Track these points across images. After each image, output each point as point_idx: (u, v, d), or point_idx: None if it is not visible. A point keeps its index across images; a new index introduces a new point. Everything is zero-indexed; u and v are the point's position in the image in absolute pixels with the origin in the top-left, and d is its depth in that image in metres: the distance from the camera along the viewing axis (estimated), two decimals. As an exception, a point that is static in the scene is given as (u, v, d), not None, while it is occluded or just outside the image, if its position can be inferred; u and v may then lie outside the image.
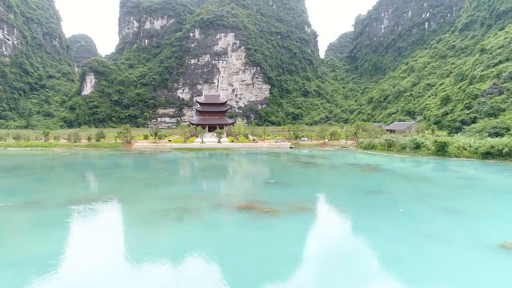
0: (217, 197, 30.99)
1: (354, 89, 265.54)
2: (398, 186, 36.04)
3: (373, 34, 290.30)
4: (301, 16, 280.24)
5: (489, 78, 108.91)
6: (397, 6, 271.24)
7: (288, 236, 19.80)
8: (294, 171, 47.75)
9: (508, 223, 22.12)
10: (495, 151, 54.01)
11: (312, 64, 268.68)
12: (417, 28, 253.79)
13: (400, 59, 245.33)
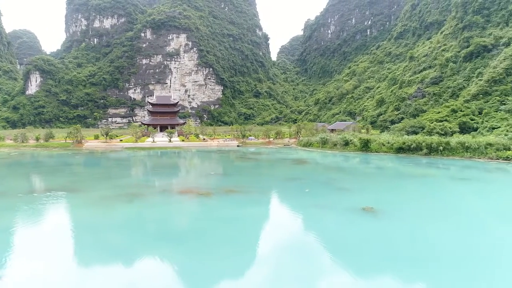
0: (162, 185, 36.43)
1: (303, 90, 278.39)
2: (314, 174, 43.64)
3: (321, 39, 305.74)
4: (252, 19, 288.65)
5: (415, 83, 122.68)
6: (342, 13, 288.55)
7: (215, 208, 25.99)
8: (234, 165, 54.17)
9: (375, 195, 30.04)
10: (405, 147, 64.10)
11: (263, 66, 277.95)
12: (360, 35, 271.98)
13: (345, 63, 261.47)
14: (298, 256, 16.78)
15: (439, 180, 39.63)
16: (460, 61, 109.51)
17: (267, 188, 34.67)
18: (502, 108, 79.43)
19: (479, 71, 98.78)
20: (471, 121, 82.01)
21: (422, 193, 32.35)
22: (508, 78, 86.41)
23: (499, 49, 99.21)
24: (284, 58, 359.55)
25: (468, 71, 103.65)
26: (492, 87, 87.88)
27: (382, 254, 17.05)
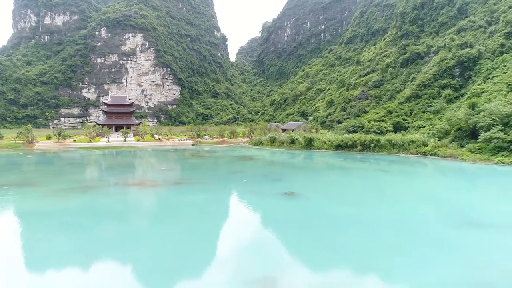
0: (115, 179, 39.82)
1: (261, 91, 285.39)
2: (257, 169, 48.89)
3: (277, 41, 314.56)
4: (210, 20, 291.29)
5: (360, 86, 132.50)
6: (298, 17, 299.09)
7: (161, 196, 30.17)
8: (185, 161, 58.19)
9: (300, 184, 35.68)
10: (343, 144, 71.34)
11: (222, 67, 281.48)
12: (315, 38, 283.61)
13: (300, 65, 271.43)
14: (233, 227, 21.53)
15: (361, 171, 46.36)
16: (398, 67, 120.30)
17: (212, 179, 39.22)
18: (428, 109, 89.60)
19: (413, 76, 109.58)
20: (403, 121, 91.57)
21: (341, 182, 38.52)
22: (435, 83, 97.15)
23: (430, 57, 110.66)
24: (243, 59, 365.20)
25: (404, 76, 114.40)
26: (422, 90, 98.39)
27: (294, 223, 22.27)
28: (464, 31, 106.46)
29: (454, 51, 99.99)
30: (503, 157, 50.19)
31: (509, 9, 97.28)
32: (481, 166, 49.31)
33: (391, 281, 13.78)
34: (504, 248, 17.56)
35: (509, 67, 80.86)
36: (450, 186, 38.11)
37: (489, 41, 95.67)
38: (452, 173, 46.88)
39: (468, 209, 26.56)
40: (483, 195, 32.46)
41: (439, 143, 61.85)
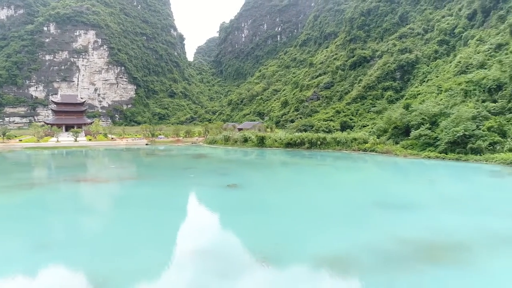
0: (63, 176, 40.14)
1: (219, 91, 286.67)
2: (207, 165, 51.00)
3: (235, 42, 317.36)
4: (167, 19, 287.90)
5: (312, 87, 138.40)
6: (255, 18, 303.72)
7: (109, 190, 31.43)
8: (138, 160, 58.94)
9: (244, 177, 38.36)
10: (292, 142, 75.15)
11: (179, 66, 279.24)
12: (271, 40, 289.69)
13: (257, 66, 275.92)
14: (176, 214, 23.41)
15: (304, 166, 50.02)
16: (347, 69, 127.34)
17: (161, 175, 40.78)
18: (372, 109, 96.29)
19: (360, 78, 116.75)
20: (350, 121, 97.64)
21: (283, 175, 41.70)
22: (379, 85, 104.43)
23: (375, 60, 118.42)
24: (201, 59, 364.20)
25: (352, 78, 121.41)
26: (367, 92, 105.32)
27: (232, 209, 24.72)
28: (404, 38, 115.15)
29: (395, 55, 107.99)
30: (430, 152, 56.03)
31: (442, 19, 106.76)
32: (411, 160, 54.79)
33: (311, 248, 16.48)
34: (405, 223, 21.11)
35: (441, 71, 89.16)
36: (378, 176, 42.56)
37: (425, 47, 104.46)
38: (384, 166, 51.76)
39: (387, 194, 30.45)
40: (404, 183, 36.93)
41: (377, 140, 67.38)
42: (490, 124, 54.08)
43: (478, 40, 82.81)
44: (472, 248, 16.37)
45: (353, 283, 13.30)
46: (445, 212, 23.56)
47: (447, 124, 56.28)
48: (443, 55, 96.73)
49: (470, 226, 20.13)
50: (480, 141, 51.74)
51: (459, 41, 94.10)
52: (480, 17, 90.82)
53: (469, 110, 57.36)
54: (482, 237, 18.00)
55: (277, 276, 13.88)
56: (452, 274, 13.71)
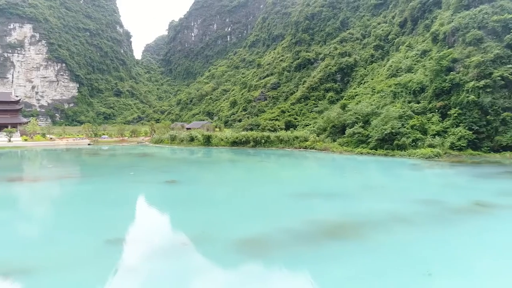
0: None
1: (168, 91, 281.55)
2: (150, 163, 51.28)
3: (185, 41, 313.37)
4: (112, 15, 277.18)
5: (260, 87, 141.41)
6: (205, 17, 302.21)
7: (46, 188, 31.03)
8: (76, 160, 57.46)
9: (183, 174, 39.50)
10: (238, 141, 77.10)
11: (125, 64, 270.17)
12: (221, 40, 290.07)
13: (207, 66, 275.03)
14: (113, 209, 23.96)
15: (245, 163, 52.13)
16: (292, 71, 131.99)
17: (101, 173, 40.61)
18: (314, 109, 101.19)
19: (304, 79, 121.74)
20: (294, 120, 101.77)
21: (223, 171, 43.36)
22: (321, 86, 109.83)
23: (318, 63, 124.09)
24: (149, 57, 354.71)
25: (297, 79, 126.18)
26: (310, 93, 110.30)
27: (168, 201, 25.81)
28: (345, 42, 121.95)
29: (336, 58, 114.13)
30: (362, 148, 60.83)
31: (378, 25, 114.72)
32: (346, 156, 59.11)
33: (233, 233, 18.14)
34: (323, 209, 23.69)
35: (376, 74, 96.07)
36: (313, 171, 45.78)
37: (363, 52, 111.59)
38: (320, 162, 55.35)
39: (316, 186, 33.25)
40: (333, 176, 40.28)
41: (317, 138, 71.46)
42: (414, 122, 59.96)
43: (407, 46, 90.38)
44: (370, 227, 19.14)
45: (265, 257, 15.24)
46: (360, 200, 26.63)
47: (377, 123, 61.42)
48: (378, 59, 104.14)
49: (376, 210, 23.14)
50: (405, 138, 57.26)
51: (392, 47, 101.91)
52: (409, 25, 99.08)
53: (396, 110, 63.03)
54: (382, 218, 20.95)
55: (193, 256, 15.47)
56: (347, 246, 16.22)
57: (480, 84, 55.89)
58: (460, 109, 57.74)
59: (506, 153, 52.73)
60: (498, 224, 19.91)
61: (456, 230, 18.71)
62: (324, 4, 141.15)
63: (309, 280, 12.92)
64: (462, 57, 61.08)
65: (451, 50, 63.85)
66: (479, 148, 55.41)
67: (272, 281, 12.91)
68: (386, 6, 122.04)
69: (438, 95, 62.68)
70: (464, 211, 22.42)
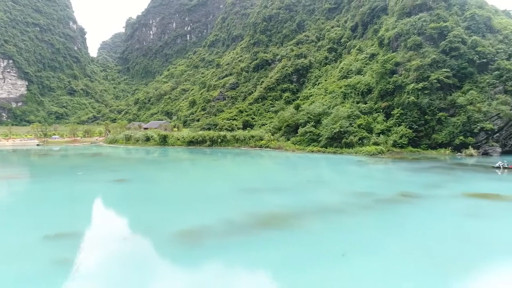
0: None
1: (125, 90, 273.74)
2: (99, 163, 50.64)
3: (143, 39, 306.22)
4: (64, 10, 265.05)
5: (219, 87, 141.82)
6: (164, 16, 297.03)
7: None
8: (23, 160, 55.31)
9: (134, 173, 39.64)
10: (195, 140, 77.38)
11: (79, 62, 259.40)
12: (181, 39, 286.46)
13: (167, 65, 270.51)
14: (59, 205, 23.89)
15: (197, 162, 52.85)
16: (251, 71, 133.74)
17: (48, 173, 39.67)
18: (271, 109, 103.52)
19: (262, 80, 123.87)
20: (252, 120, 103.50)
21: (173, 170, 43.86)
22: (278, 87, 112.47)
23: (275, 64, 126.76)
24: (106, 55, 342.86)
25: (255, 80, 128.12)
26: (267, 93, 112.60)
27: (114, 199, 26.08)
28: (301, 44, 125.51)
29: (293, 60, 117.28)
30: (313, 146, 63.47)
31: (331, 29, 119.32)
32: (298, 154, 61.43)
33: (175, 226, 18.99)
34: (263, 202, 25.13)
35: (329, 75, 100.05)
36: (263, 168, 47.45)
37: (317, 54, 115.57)
38: (273, 159, 57.19)
39: (262, 181, 34.75)
40: (282, 173, 42.08)
41: (272, 137, 73.48)
42: (360, 122, 63.52)
43: (358, 50, 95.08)
44: (303, 217, 20.82)
45: (199, 246, 16.31)
46: (302, 193, 28.43)
47: (327, 122, 64.39)
48: (332, 61, 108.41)
49: (314, 202, 24.99)
50: (352, 137, 60.54)
51: (344, 50, 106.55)
52: (360, 30, 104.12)
53: (345, 110, 66.40)
54: (317, 209, 22.76)
55: (131, 248, 16.25)
56: (277, 234, 17.70)
57: (419, 86, 60.41)
58: (402, 109, 62.03)
59: (441, 150, 57.45)
60: (414, 211, 22.36)
61: (378, 217, 20.86)
62: (281, 6, 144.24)
63: (234, 264, 14.17)
64: (404, 61, 65.58)
65: (394, 54, 68.32)
66: (418, 145, 59.90)
67: (201, 267, 14.03)
68: (339, 10, 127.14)
69: (383, 96, 66.84)
70: (390, 201, 24.80)
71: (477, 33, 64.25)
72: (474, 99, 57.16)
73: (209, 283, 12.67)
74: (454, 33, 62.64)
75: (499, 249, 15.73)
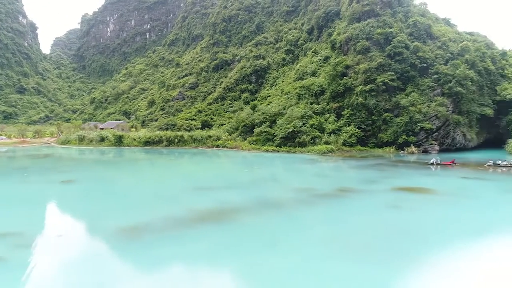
0: None
1: (81, 88, 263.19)
2: (47, 164, 49.19)
3: (99, 36, 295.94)
4: (13, 3, 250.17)
5: (178, 87, 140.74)
6: (122, 13, 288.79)
7: None
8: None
9: (83, 174, 39.26)
10: (151, 140, 76.66)
11: (30, 59, 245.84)
12: (140, 37, 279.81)
13: (125, 63, 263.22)
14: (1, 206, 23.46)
15: (152, 162, 52.94)
16: (210, 71, 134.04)
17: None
18: (230, 109, 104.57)
19: (221, 80, 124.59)
20: (211, 120, 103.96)
21: (125, 170, 43.77)
22: (237, 87, 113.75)
23: (234, 64, 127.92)
24: (60, 52, 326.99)
25: (215, 80, 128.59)
26: (226, 93, 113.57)
27: (57, 199, 25.93)
28: (259, 45, 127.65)
29: (251, 61, 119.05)
30: (268, 146, 65.29)
31: (289, 31, 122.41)
32: (254, 153, 62.91)
33: (116, 223, 19.41)
34: (207, 199, 26.07)
35: (286, 77, 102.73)
36: (215, 167, 48.44)
37: (275, 55, 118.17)
38: (229, 159, 58.32)
39: (212, 180, 35.74)
40: (232, 171, 43.28)
41: (229, 137, 74.59)
42: (313, 122, 66.18)
43: (313, 52, 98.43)
44: (242, 212, 22.10)
45: (137, 240, 17.04)
46: (248, 190, 29.74)
47: (282, 122, 66.49)
48: (289, 63, 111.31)
49: (256, 197, 26.34)
50: (305, 136, 62.97)
51: (301, 52, 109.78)
52: (316, 33, 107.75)
53: (299, 110, 68.83)
54: (257, 205, 24.14)
55: (65, 246, 16.69)
56: (213, 227, 18.84)
57: (367, 88, 63.98)
58: (351, 110, 65.38)
59: (386, 148, 61.29)
60: (345, 204, 24.37)
61: (310, 210, 22.59)
62: (240, 7, 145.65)
63: (166, 255, 15.09)
64: (353, 64, 69.09)
65: (345, 58, 71.76)
66: (366, 144, 63.49)
67: (135, 259, 14.83)
68: (296, 13, 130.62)
69: (334, 97, 70.00)
70: (326, 196, 26.73)
71: (418, 39, 69.01)
72: (415, 101, 61.51)
73: (140, 273, 13.52)
74: (398, 39, 66.95)
75: (408, 235, 17.82)
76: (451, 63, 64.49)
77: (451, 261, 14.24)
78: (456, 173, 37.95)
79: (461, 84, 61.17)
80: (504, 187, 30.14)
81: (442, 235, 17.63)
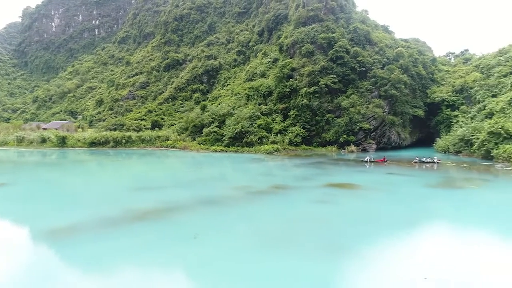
0: None
1: (22, 86, 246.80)
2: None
3: (43, 31, 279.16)
4: None
5: (128, 86, 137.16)
6: (68, 7, 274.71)
7: None
8: None
9: (15, 176, 37.93)
10: (97, 141, 74.72)
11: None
12: (88, 33, 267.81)
13: (72, 60, 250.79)
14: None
15: (94, 164, 51.94)
16: (161, 70, 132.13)
17: None
18: (181, 109, 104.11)
19: (173, 79, 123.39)
20: (161, 120, 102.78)
21: (62, 172, 42.74)
22: (188, 87, 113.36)
23: (186, 64, 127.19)
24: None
25: (166, 79, 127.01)
26: (178, 93, 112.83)
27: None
28: (211, 45, 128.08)
29: (203, 61, 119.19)
30: (217, 146, 66.35)
31: (241, 32, 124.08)
32: (203, 153, 63.64)
33: (48, 224, 19.38)
34: (145, 199, 26.54)
35: (237, 77, 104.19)
36: (160, 167, 48.67)
37: (227, 56, 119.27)
38: (177, 159, 58.52)
39: (153, 180, 36.10)
40: (177, 171, 43.78)
41: (179, 137, 74.64)
42: (260, 122, 68.18)
43: (263, 54, 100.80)
44: (176, 210, 22.96)
45: (67, 240, 17.34)
46: (186, 189, 30.56)
47: (230, 122, 67.80)
48: (240, 64, 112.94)
49: (193, 197, 27.25)
50: (252, 136, 64.80)
51: (252, 53, 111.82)
52: (266, 35, 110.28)
53: (248, 111, 70.55)
54: (193, 203, 25.08)
55: None
56: (143, 226, 19.57)
57: (311, 90, 67.09)
58: (297, 111, 68.20)
59: (329, 147, 64.79)
60: (275, 200, 26.08)
61: (242, 206, 24.02)
62: (192, 7, 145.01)
63: (92, 253, 15.70)
64: (298, 67, 72.02)
65: (291, 60, 74.54)
66: (311, 143, 66.60)
67: (63, 256, 15.29)
68: (248, 15, 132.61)
69: (281, 98, 72.52)
70: (260, 193, 28.31)
71: (358, 44, 73.45)
72: (355, 103, 65.56)
73: (67, 269, 14.06)
74: (340, 44, 70.83)
75: (330, 227, 19.75)
76: (387, 67, 69.45)
77: (368, 250, 16.16)
78: (386, 169, 41.35)
79: (395, 87, 66.15)
80: (421, 182, 33.48)
81: (359, 226, 19.70)
